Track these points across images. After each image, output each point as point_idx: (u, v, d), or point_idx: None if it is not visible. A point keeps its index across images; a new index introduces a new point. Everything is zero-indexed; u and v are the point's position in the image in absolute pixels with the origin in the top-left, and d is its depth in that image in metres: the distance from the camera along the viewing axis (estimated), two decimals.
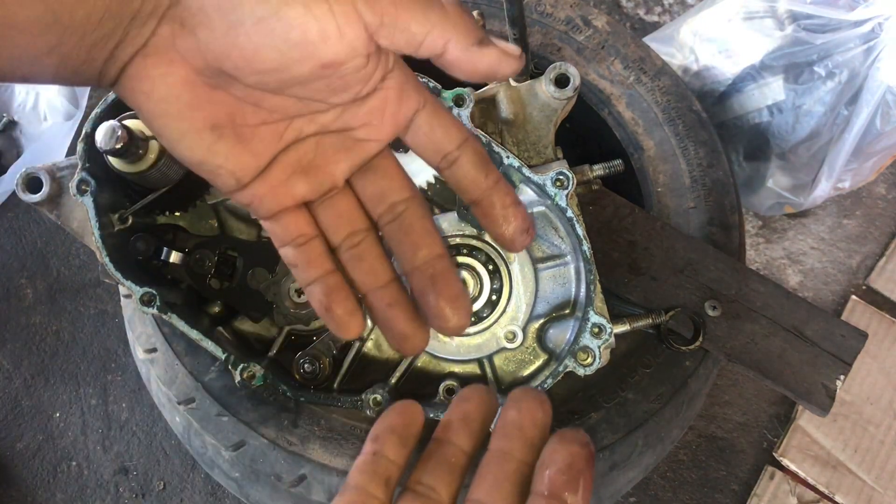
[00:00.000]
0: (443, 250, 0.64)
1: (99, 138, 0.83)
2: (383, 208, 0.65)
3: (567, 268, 0.98)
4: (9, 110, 2.03)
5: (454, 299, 0.62)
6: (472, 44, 0.57)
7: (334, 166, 0.63)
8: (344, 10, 0.51)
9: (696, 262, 1.07)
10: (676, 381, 1.06)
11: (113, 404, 1.81)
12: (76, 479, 1.75)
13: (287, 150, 0.60)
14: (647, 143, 1.20)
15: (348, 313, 0.62)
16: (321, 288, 0.63)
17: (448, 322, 0.61)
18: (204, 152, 0.57)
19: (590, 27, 1.25)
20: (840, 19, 1.52)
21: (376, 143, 0.63)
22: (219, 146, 0.56)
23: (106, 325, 1.88)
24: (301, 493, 1.01)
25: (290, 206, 0.63)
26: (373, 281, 0.63)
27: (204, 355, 1.07)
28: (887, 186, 1.97)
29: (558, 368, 0.89)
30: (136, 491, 1.73)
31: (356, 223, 0.64)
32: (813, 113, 1.59)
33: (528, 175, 0.89)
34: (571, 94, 0.96)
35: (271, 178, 0.61)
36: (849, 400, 1.69)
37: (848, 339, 1.05)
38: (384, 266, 0.64)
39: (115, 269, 0.91)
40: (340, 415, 1.04)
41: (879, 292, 1.84)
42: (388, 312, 0.63)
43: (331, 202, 0.64)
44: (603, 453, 1.02)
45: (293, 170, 0.61)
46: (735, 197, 1.17)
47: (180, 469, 1.73)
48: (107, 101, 0.92)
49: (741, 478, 1.69)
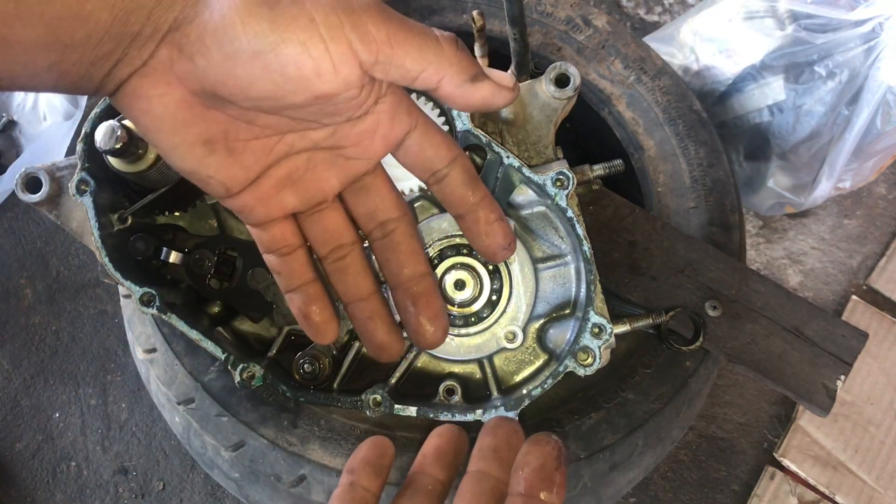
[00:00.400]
0: (427, 269, 0.68)
1: (98, 138, 0.83)
2: (373, 225, 0.67)
3: (567, 268, 0.98)
4: (8, 110, 2.03)
5: (434, 317, 0.67)
6: (467, 80, 0.58)
7: (325, 182, 0.64)
8: (340, 50, 0.52)
9: (697, 262, 1.07)
10: (677, 381, 1.06)
11: (112, 404, 1.81)
12: (76, 479, 1.74)
13: (278, 163, 0.62)
14: (648, 143, 1.20)
15: (325, 322, 0.66)
16: (300, 297, 0.66)
17: (426, 338, 0.67)
18: (195, 164, 0.58)
19: (590, 27, 1.25)
20: (840, 19, 1.51)
21: (367, 162, 0.65)
22: (210, 159, 0.58)
23: (106, 325, 1.88)
24: (301, 494, 1.01)
25: (278, 217, 0.65)
26: (355, 293, 0.67)
27: (204, 355, 1.07)
28: (888, 186, 1.96)
29: (558, 368, 0.89)
30: (136, 491, 1.73)
31: (343, 237, 0.67)
32: (813, 113, 1.58)
33: (528, 175, 0.88)
34: (572, 94, 0.96)
35: (261, 189, 0.62)
36: (849, 400, 1.69)
37: (848, 340, 1.04)
38: (366, 279, 0.68)
39: (115, 269, 0.91)
40: (340, 415, 1.04)
41: (880, 292, 1.84)
42: (368, 324, 0.67)
43: (320, 216, 0.66)
44: (603, 453, 1.02)
45: (283, 183, 0.63)
46: (735, 197, 1.17)
47: (180, 469, 1.73)
48: (106, 101, 0.92)
49: (741, 478, 1.68)
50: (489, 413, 0.89)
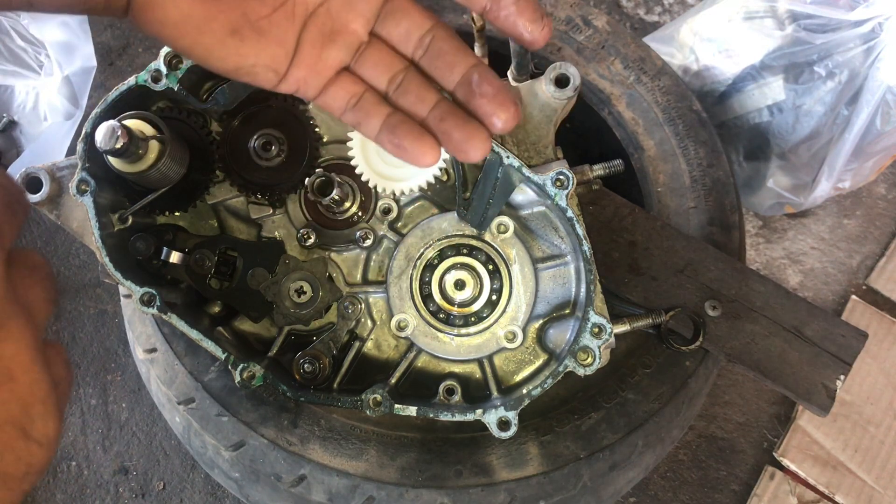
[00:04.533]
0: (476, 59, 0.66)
1: (99, 138, 0.83)
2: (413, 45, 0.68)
3: (567, 268, 0.98)
4: (9, 110, 2.03)
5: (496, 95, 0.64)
6: None
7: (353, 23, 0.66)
8: None
9: (697, 262, 1.07)
10: (677, 381, 1.06)
11: (113, 404, 1.81)
12: (76, 479, 1.74)
13: (305, 27, 0.64)
14: (648, 143, 1.20)
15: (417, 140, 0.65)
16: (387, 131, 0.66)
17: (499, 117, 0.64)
18: (235, 58, 0.61)
19: (590, 27, 1.25)
20: (840, 19, 1.51)
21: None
22: (245, 48, 0.61)
23: (106, 325, 1.88)
24: (301, 494, 1.01)
25: (332, 76, 0.67)
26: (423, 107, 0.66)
27: (204, 355, 1.07)
28: (887, 186, 1.97)
29: (558, 368, 0.89)
30: (136, 491, 1.73)
31: (394, 66, 0.68)
32: (813, 113, 1.58)
33: (528, 175, 0.89)
34: (571, 94, 0.96)
35: (303, 58, 0.65)
36: (849, 400, 1.69)
37: (848, 339, 1.05)
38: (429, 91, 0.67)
39: (115, 269, 0.91)
40: (340, 415, 1.04)
41: (879, 292, 1.84)
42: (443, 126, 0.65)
43: (364, 57, 0.68)
44: (603, 453, 1.02)
45: (319, 42, 0.65)
46: (735, 197, 1.17)
47: (180, 469, 1.73)
48: (107, 100, 0.92)
49: (741, 478, 1.68)
50: (489, 413, 0.89)
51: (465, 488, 0.99)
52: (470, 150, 0.64)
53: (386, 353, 1.02)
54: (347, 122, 0.68)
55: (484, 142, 0.64)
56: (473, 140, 0.64)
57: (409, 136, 0.65)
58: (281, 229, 1.03)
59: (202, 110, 0.98)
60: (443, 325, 1.00)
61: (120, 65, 2.15)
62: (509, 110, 0.63)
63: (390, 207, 1.02)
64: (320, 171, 0.96)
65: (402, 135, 0.65)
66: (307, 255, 1.03)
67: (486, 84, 0.64)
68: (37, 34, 1.93)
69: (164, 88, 0.92)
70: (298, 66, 0.65)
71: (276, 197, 1.01)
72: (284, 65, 0.64)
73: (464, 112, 0.65)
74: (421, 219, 1.02)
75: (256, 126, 0.99)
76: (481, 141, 0.64)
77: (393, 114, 0.66)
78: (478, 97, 0.64)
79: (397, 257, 1.01)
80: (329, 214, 1.02)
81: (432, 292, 1.00)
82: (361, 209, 1.02)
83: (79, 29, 1.89)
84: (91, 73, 1.93)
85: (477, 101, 0.64)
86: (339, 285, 1.02)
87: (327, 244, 1.03)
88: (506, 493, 0.99)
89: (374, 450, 1.02)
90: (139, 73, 0.92)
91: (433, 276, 1.00)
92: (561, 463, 1.00)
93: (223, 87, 0.95)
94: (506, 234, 0.98)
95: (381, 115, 0.66)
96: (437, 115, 0.65)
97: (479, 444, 1.02)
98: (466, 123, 0.64)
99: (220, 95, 0.95)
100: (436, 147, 0.65)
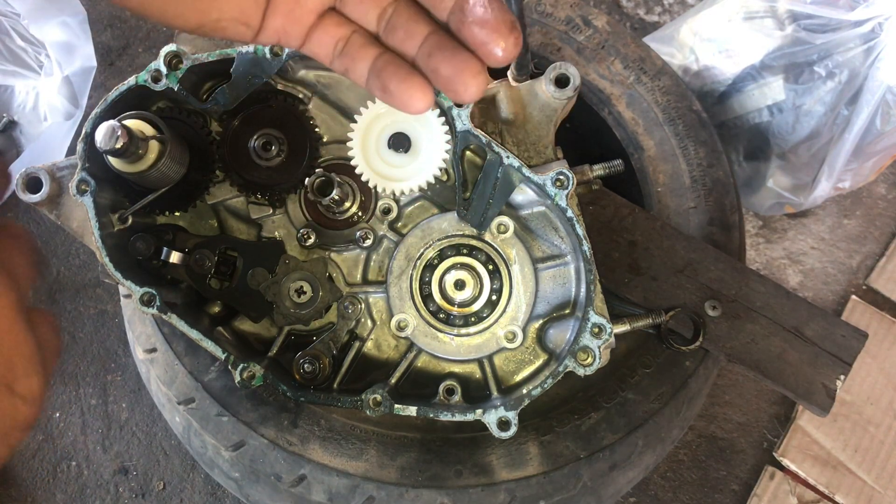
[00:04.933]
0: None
1: (99, 138, 0.83)
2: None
3: (567, 268, 0.98)
4: (9, 110, 2.03)
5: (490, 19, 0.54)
6: None
7: None
8: None
9: (696, 262, 1.07)
10: (676, 381, 1.06)
11: (113, 404, 1.81)
12: (76, 479, 1.74)
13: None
14: (648, 143, 1.20)
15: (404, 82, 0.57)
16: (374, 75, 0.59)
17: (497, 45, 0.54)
18: (195, 14, 0.54)
19: (590, 27, 1.25)
20: (840, 19, 1.51)
21: None
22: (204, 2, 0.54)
23: (106, 325, 1.88)
24: (301, 493, 1.01)
25: (314, 21, 0.60)
26: (412, 44, 0.58)
27: (204, 355, 1.07)
28: (887, 186, 1.97)
29: (558, 368, 0.89)
30: (136, 491, 1.73)
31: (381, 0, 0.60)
32: (813, 113, 1.58)
33: (528, 175, 0.89)
34: (571, 94, 0.96)
35: (280, 5, 0.58)
36: (849, 400, 1.69)
37: (848, 339, 1.05)
38: (418, 23, 0.58)
39: (115, 269, 0.91)
40: (340, 415, 1.04)
41: (879, 292, 1.84)
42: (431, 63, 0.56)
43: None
44: (603, 453, 1.02)
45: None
46: (735, 197, 1.17)
47: (180, 469, 1.73)
48: (107, 101, 0.92)
49: (741, 478, 1.68)
50: (489, 413, 0.89)
51: (465, 488, 0.99)
52: (459, 86, 0.55)
53: (386, 353, 1.02)
54: (336, 70, 0.61)
55: (475, 76, 0.54)
56: (463, 75, 0.54)
57: (394, 78, 0.57)
58: (281, 229, 1.03)
59: (202, 110, 0.98)
60: (443, 325, 1.00)
61: (120, 65, 2.15)
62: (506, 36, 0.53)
63: (390, 207, 1.02)
64: (320, 171, 0.96)
65: (388, 76, 0.57)
66: (307, 255, 1.03)
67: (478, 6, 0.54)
68: (37, 34, 1.93)
69: (164, 88, 0.92)
70: (274, 14, 0.57)
71: (276, 197, 1.01)
72: (257, 16, 0.57)
73: (455, 43, 0.55)
74: (421, 219, 1.02)
75: (256, 126, 0.99)
76: (472, 75, 0.54)
77: (381, 55, 0.58)
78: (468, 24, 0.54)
79: (397, 257, 1.01)
80: (329, 214, 1.02)
81: (432, 292, 1.00)
82: (361, 209, 1.02)
83: (79, 29, 1.89)
84: (91, 73, 1.93)
85: (468, 28, 0.54)
86: (339, 285, 1.02)
87: (327, 244, 1.03)
88: (506, 493, 0.99)
89: (374, 450, 1.02)
90: (139, 73, 0.92)
91: (433, 276, 1.00)
92: (561, 463, 1.00)
93: (223, 87, 0.95)
94: (506, 234, 0.98)
95: (369, 58, 0.58)
96: (425, 50, 0.56)
97: (479, 444, 1.02)
98: (454, 56, 0.55)
99: (220, 95, 0.95)
100: (425, 88, 0.56)
